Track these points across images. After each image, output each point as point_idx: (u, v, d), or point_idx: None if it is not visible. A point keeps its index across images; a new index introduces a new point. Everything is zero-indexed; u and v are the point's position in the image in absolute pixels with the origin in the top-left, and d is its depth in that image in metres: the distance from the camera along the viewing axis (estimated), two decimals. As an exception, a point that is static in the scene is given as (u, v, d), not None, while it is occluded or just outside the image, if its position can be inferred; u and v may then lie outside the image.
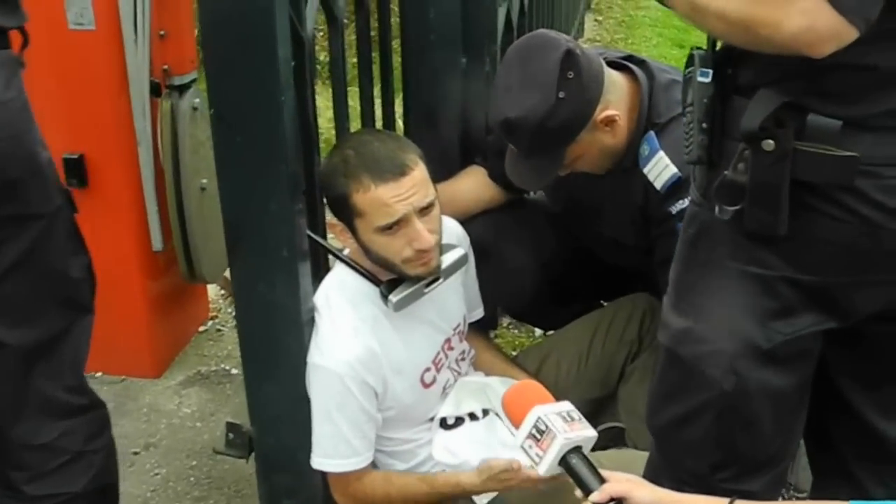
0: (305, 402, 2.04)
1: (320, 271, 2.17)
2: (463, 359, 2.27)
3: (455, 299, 2.23)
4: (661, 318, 1.66)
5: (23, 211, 1.73)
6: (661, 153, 2.09)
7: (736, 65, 1.47)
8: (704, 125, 1.46)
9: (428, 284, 2.02)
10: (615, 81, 2.17)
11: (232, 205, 1.88)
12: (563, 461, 1.48)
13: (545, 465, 1.48)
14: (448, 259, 2.05)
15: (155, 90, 2.81)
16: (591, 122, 2.11)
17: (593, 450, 2.14)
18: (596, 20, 7.59)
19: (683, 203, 1.94)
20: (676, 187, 2.06)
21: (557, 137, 2.12)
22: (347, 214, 1.95)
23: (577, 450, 1.48)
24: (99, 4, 2.63)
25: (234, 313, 3.59)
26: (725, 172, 1.43)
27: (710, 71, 1.46)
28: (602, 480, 1.44)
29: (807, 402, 1.65)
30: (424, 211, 1.92)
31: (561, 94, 2.06)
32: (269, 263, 1.90)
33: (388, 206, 1.88)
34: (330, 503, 2.18)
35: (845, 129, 1.35)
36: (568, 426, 1.49)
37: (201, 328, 3.51)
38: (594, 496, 1.43)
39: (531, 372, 2.42)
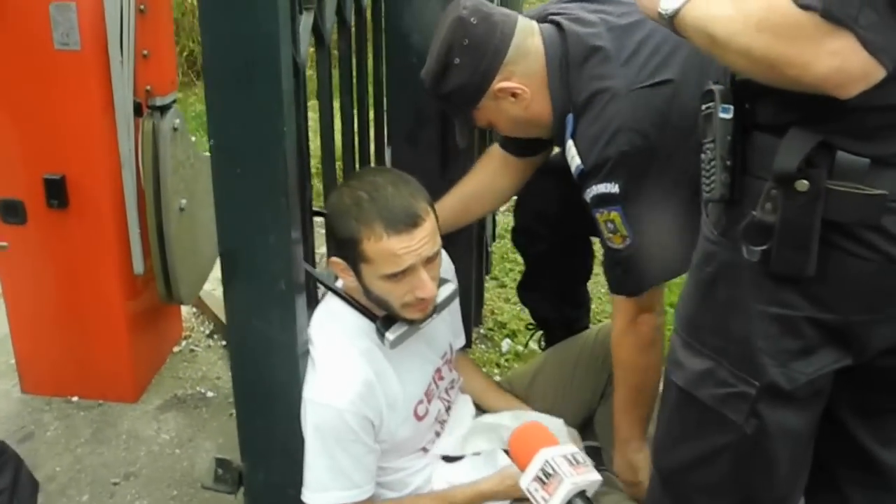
0: (298, 437, 2.00)
1: (313, 304, 2.13)
2: (452, 387, 2.26)
3: (442, 329, 2.22)
4: (669, 357, 1.63)
5: None
6: (570, 142, 2.04)
7: (754, 100, 1.44)
8: (728, 163, 1.44)
9: (422, 320, 2.00)
10: (529, 52, 2.08)
11: (229, 236, 1.83)
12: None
13: None
14: (441, 294, 2.04)
15: (136, 110, 2.76)
16: (490, 91, 2.08)
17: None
18: None
19: (592, 191, 1.98)
20: (582, 177, 2.02)
21: (455, 102, 2.12)
22: (354, 258, 1.92)
23: (581, 494, 1.48)
24: (85, 25, 2.58)
25: (206, 332, 3.55)
26: (753, 213, 1.40)
27: (732, 107, 1.44)
28: None
29: (814, 436, 1.63)
30: (430, 259, 1.91)
31: (456, 61, 2.06)
32: (265, 297, 1.86)
33: (398, 256, 1.86)
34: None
35: (871, 167, 1.34)
36: (574, 470, 1.49)
37: (176, 348, 3.46)
38: None
39: (521, 397, 2.42)
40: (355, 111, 2.41)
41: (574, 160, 2.02)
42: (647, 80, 1.95)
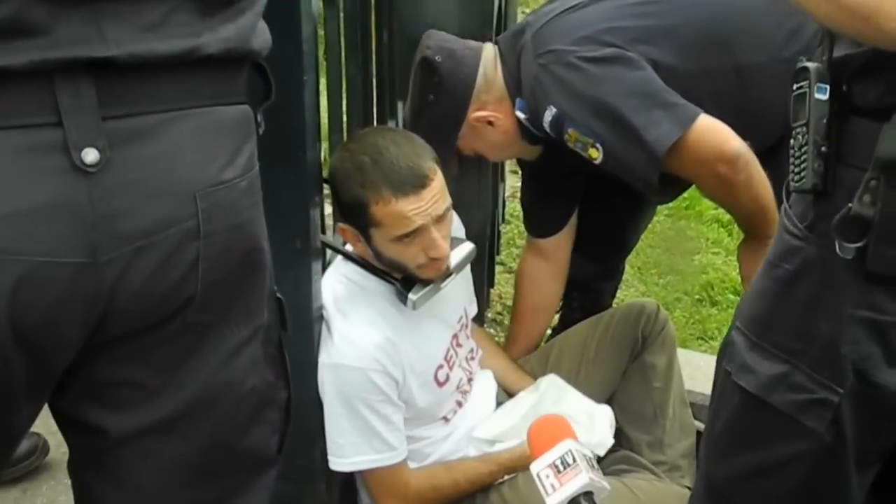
0: (314, 406, 1.94)
1: (323, 271, 2.07)
2: (472, 357, 2.22)
3: (457, 294, 2.18)
4: (733, 360, 1.48)
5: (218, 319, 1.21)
6: (521, 115, 2.17)
7: (852, 80, 1.28)
8: (823, 149, 1.29)
9: (443, 280, 1.97)
10: (496, 80, 2.21)
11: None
12: (575, 501, 1.44)
13: (558, 497, 1.44)
14: (458, 254, 2.00)
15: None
16: (467, 121, 2.20)
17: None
18: None
19: (547, 127, 2.09)
20: (538, 127, 2.12)
21: (435, 135, 2.14)
22: (362, 223, 1.87)
23: (589, 495, 1.45)
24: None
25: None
26: (850, 205, 1.26)
27: (828, 87, 1.29)
28: None
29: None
30: (440, 218, 1.86)
31: (430, 98, 2.18)
32: (280, 256, 1.77)
33: (408, 218, 1.82)
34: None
35: None
36: (594, 472, 1.46)
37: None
38: None
39: (536, 377, 2.38)
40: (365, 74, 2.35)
41: (529, 124, 2.16)
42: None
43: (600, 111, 2.00)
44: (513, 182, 4.35)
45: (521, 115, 2.18)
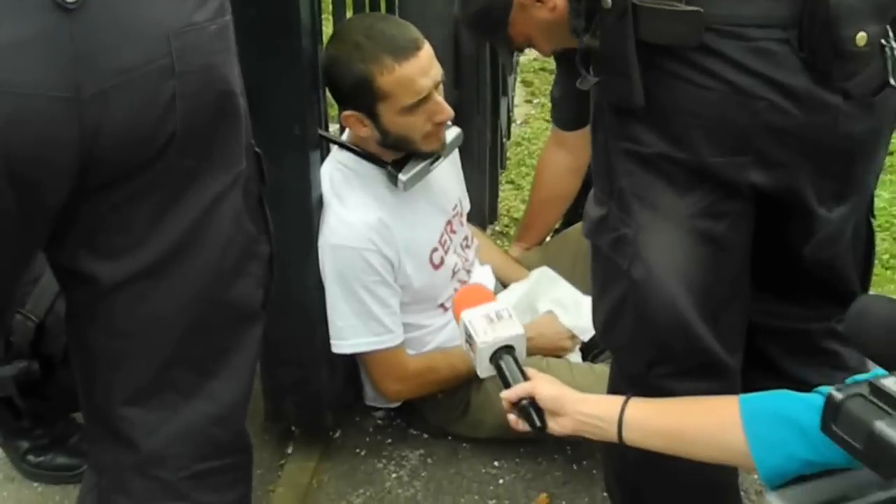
0: (315, 292, 2.02)
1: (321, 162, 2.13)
2: (468, 245, 2.29)
3: (451, 182, 2.26)
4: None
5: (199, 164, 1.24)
6: None
7: None
8: None
9: (432, 162, 2.04)
10: None
11: (243, 80, 1.83)
12: (494, 362, 1.46)
13: (479, 367, 1.47)
14: (447, 137, 2.08)
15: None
16: (516, 2, 2.16)
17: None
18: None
19: None
20: None
21: (488, 23, 2.16)
22: (369, 100, 1.93)
23: (508, 349, 1.45)
24: None
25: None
26: (583, 38, 1.32)
27: None
28: (526, 380, 1.42)
29: (741, 292, 1.46)
30: (438, 85, 1.96)
31: None
32: (279, 141, 1.85)
33: (415, 82, 1.90)
34: (333, 398, 2.18)
35: None
36: (492, 329, 1.46)
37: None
38: (504, 393, 1.43)
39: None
40: None
41: None
42: None
43: None
44: (526, 110, 4.45)
45: None
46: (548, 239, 2.72)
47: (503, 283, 2.40)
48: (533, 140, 4.03)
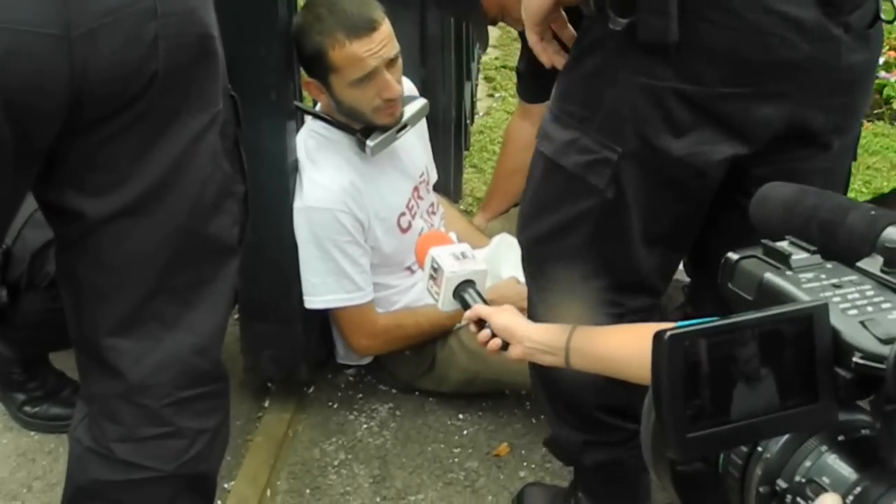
0: (290, 251, 2.14)
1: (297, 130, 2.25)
2: (434, 212, 2.42)
3: (418, 150, 2.39)
4: (539, 131, 1.65)
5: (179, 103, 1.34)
6: None
7: None
8: None
9: (398, 130, 2.16)
10: None
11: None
12: (458, 296, 1.56)
13: (442, 300, 1.57)
14: (412, 108, 2.21)
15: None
16: None
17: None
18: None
19: None
20: None
21: None
22: (323, 71, 2.06)
23: (470, 283, 1.57)
24: None
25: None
26: None
27: None
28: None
29: (689, 239, 1.61)
30: (391, 63, 2.07)
31: None
32: (257, 107, 1.96)
33: (362, 59, 2.02)
34: (308, 354, 2.30)
35: None
36: (458, 263, 1.58)
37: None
38: (468, 313, 1.54)
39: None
40: None
41: None
42: None
43: None
44: (488, 103, 4.67)
45: None
46: (512, 210, 2.83)
47: (467, 249, 2.53)
48: (495, 129, 4.19)
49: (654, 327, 0.63)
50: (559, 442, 1.84)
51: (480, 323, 1.52)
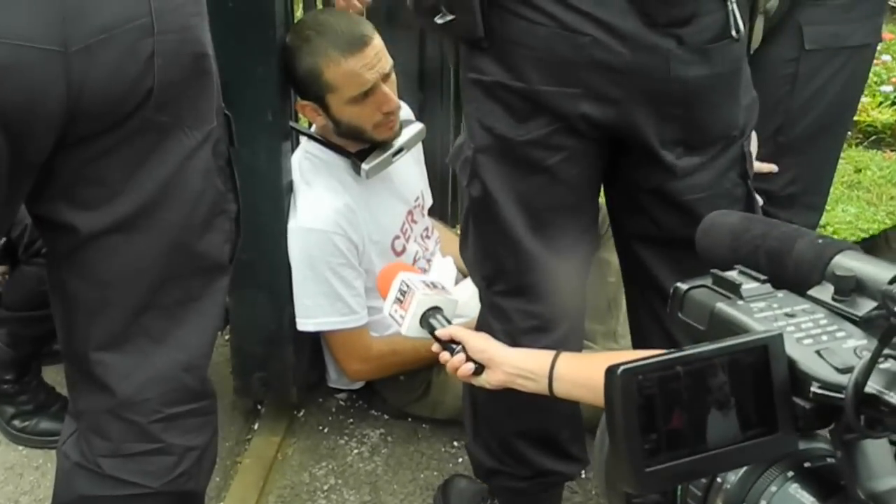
0: (284, 272, 2.12)
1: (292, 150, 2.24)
2: (428, 236, 2.41)
3: (414, 174, 2.38)
4: None
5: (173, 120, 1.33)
6: None
7: None
8: None
9: (394, 154, 2.15)
10: None
11: (218, 68, 1.95)
12: (425, 321, 1.51)
13: (406, 323, 1.51)
14: (409, 132, 2.20)
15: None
16: None
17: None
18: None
19: None
20: None
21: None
22: (319, 91, 2.05)
23: (438, 310, 1.51)
24: None
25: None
26: None
27: None
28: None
29: (582, 222, 1.62)
30: (386, 77, 2.06)
31: None
32: (253, 127, 1.96)
33: (360, 75, 2.01)
34: (298, 376, 2.28)
35: None
36: (429, 289, 1.53)
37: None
38: (439, 332, 1.48)
39: None
40: None
41: None
42: None
43: None
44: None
45: None
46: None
47: (464, 274, 2.51)
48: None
49: (646, 354, 0.63)
50: (471, 457, 1.86)
51: (447, 347, 1.48)
